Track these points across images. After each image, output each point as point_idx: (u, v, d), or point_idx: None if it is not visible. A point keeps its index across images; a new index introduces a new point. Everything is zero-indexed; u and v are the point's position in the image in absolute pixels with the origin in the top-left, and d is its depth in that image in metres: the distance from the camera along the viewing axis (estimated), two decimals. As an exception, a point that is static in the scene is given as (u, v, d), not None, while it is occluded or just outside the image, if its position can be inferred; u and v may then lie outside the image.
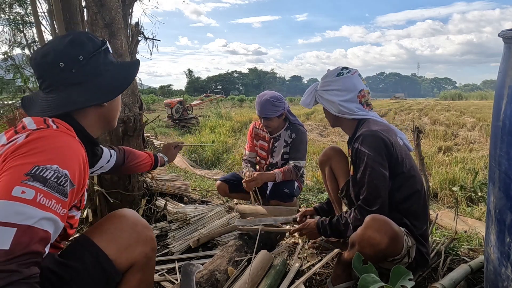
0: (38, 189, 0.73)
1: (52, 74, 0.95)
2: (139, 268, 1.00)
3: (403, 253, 1.33)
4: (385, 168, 1.42)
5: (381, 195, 1.40)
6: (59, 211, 0.77)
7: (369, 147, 1.42)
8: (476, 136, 8.29)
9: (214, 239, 2.10)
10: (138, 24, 2.29)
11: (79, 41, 0.98)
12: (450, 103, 26.70)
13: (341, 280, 1.50)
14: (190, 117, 11.67)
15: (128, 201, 2.25)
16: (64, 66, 0.94)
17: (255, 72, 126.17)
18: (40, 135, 0.82)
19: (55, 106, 0.94)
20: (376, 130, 1.45)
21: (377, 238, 1.24)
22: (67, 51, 0.95)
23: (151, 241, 1.05)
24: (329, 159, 1.87)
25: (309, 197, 3.37)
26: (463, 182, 3.87)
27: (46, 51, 0.96)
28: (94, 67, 0.99)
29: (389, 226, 1.28)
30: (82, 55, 0.96)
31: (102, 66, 1.01)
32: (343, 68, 1.62)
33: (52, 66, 0.94)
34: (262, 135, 2.71)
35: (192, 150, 6.42)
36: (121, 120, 2.07)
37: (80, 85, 0.97)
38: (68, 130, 0.92)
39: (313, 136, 8.24)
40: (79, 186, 0.86)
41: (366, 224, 1.30)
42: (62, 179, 0.78)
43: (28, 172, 0.73)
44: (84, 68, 0.97)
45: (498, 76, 1.09)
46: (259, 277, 1.53)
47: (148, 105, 21.54)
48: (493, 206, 1.12)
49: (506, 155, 1.02)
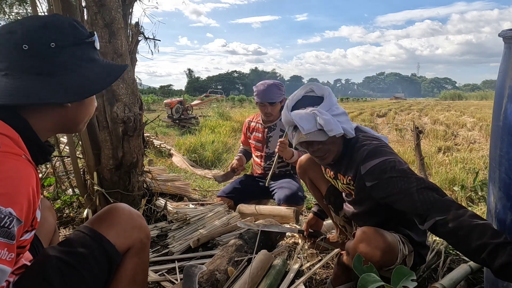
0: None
1: (11, 55, 0.79)
2: (135, 252, 1.06)
3: (398, 263, 1.28)
4: (413, 172, 1.24)
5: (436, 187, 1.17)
6: (6, 257, 0.66)
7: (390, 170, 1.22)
8: (476, 136, 8.30)
9: (214, 239, 2.10)
10: (138, 24, 2.29)
11: (56, 25, 0.83)
12: (450, 103, 26.69)
13: (341, 281, 1.50)
14: (190, 117, 11.68)
15: (128, 201, 2.25)
16: (28, 49, 0.78)
17: (255, 72, 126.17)
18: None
19: (7, 95, 0.77)
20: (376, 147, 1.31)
21: (369, 252, 1.21)
22: (38, 33, 0.80)
23: (145, 228, 1.10)
24: (305, 170, 1.80)
25: (309, 197, 3.36)
26: (463, 182, 3.87)
27: (16, 27, 0.80)
28: (67, 59, 0.83)
29: (379, 238, 1.23)
30: (55, 42, 0.80)
31: (78, 61, 0.85)
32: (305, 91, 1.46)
33: (14, 46, 0.78)
34: (256, 126, 2.73)
35: (192, 150, 6.42)
36: (121, 120, 2.07)
37: (42, 76, 0.80)
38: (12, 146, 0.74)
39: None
40: (28, 218, 0.74)
41: (357, 238, 1.26)
42: (6, 219, 0.65)
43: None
44: (54, 58, 0.81)
45: (498, 76, 1.09)
46: (259, 277, 1.53)
47: (148, 105, 21.54)
48: (493, 206, 1.12)
49: (506, 155, 1.02)
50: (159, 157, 5.86)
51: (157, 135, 8.74)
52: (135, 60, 2.27)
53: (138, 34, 2.28)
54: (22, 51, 0.78)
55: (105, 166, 2.15)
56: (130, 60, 2.17)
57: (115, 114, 2.05)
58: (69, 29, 0.84)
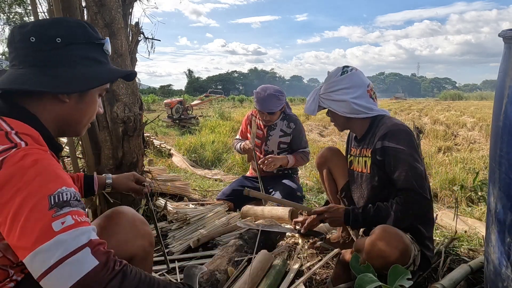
0: (70, 212, 0.71)
1: (20, 46, 0.83)
2: (138, 261, 1.04)
3: (409, 263, 1.30)
4: (420, 163, 1.37)
5: (426, 186, 1.35)
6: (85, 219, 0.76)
7: (402, 143, 1.37)
8: (476, 136, 8.30)
9: (214, 239, 2.10)
10: (138, 24, 2.29)
11: (65, 23, 0.86)
12: (450, 103, 26.70)
13: (341, 281, 1.50)
14: (190, 117, 11.69)
15: (128, 201, 2.25)
16: (34, 41, 0.82)
17: (255, 72, 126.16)
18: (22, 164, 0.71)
19: (7, 82, 0.81)
20: (403, 124, 1.42)
21: (387, 251, 1.21)
22: (46, 28, 0.84)
23: (149, 236, 1.08)
24: (326, 160, 1.83)
25: (309, 197, 3.36)
26: (463, 182, 3.87)
27: (28, 23, 0.86)
28: (70, 55, 0.85)
29: (400, 239, 1.24)
30: (61, 37, 0.83)
31: (81, 59, 0.87)
32: (344, 67, 1.57)
33: (23, 38, 0.83)
34: (257, 123, 2.73)
35: (192, 150, 6.42)
36: (121, 120, 2.07)
37: (44, 68, 0.83)
38: (37, 142, 0.79)
39: (313, 136, 8.24)
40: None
41: (377, 235, 1.25)
42: (76, 195, 0.75)
43: (50, 205, 0.70)
44: (57, 51, 0.83)
45: (498, 76, 1.09)
46: (259, 277, 1.53)
47: (148, 105, 21.54)
48: (493, 206, 1.12)
49: (506, 155, 1.02)
50: (159, 157, 5.86)
51: (157, 135, 8.75)
52: (135, 60, 2.27)
53: (138, 34, 2.28)
54: (29, 43, 0.82)
55: (105, 166, 2.15)
56: (130, 60, 2.17)
57: (115, 114, 2.05)
58: (78, 28, 0.87)
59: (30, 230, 0.67)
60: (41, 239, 0.66)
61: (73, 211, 0.72)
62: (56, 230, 0.67)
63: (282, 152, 2.67)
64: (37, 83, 0.81)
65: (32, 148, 0.75)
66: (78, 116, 0.92)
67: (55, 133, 0.91)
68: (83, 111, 0.92)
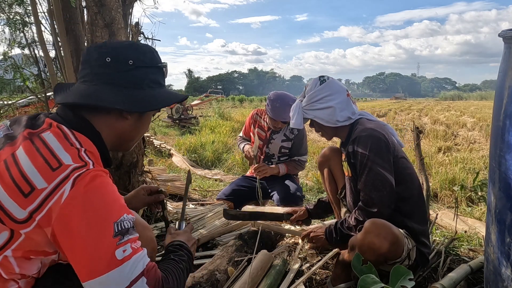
0: (129, 240, 0.79)
1: (94, 65, 0.91)
2: None
3: (404, 256, 1.32)
4: (385, 168, 1.40)
5: (381, 196, 1.39)
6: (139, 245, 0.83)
7: (366, 148, 1.41)
8: (476, 136, 8.30)
9: (214, 239, 2.10)
10: (138, 24, 2.29)
11: (138, 47, 0.95)
12: (450, 103, 26.71)
13: (340, 281, 1.50)
14: (190, 117, 11.68)
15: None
16: (110, 61, 0.90)
17: (255, 72, 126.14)
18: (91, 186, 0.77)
19: (80, 96, 0.89)
20: (371, 128, 1.45)
21: (377, 243, 1.23)
22: (121, 50, 0.92)
23: (151, 242, 1.07)
24: (327, 160, 1.84)
25: (309, 197, 3.36)
26: (463, 182, 3.87)
27: (105, 44, 0.94)
28: (139, 77, 0.94)
29: (389, 230, 1.27)
30: (133, 60, 0.92)
31: (148, 81, 0.95)
32: (320, 77, 1.61)
33: (99, 57, 0.90)
34: (261, 123, 2.73)
35: (192, 150, 6.42)
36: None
37: (114, 86, 0.91)
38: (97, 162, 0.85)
39: (313, 136, 8.23)
40: None
41: (366, 229, 1.28)
42: (133, 222, 0.82)
43: (114, 233, 0.76)
44: (129, 73, 0.92)
45: (498, 76, 1.09)
46: (259, 277, 1.53)
47: (148, 105, 21.46)
48: (493, 206, 1.12)
49: (506, 155, 1.02)
50: (159, 157, 5.86)
51: (157, 135, 8.75)
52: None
53: (138, 34, 2.28)
54: (105, 63, 0.90)
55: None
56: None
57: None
58: (148, 53, 0.96)
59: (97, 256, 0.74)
60: (105, 267, 0.74)
61: (131, 239, 0.79)
62: (119, 259, 0.75)
63: (283, 156, 2.67)
64: (113, 101, 0.89)
65: (98, 170, 0.81)
66: (135, 133, 1.00)
67: (109, 148, 0.96)
68: (139, 129, 1.01)
